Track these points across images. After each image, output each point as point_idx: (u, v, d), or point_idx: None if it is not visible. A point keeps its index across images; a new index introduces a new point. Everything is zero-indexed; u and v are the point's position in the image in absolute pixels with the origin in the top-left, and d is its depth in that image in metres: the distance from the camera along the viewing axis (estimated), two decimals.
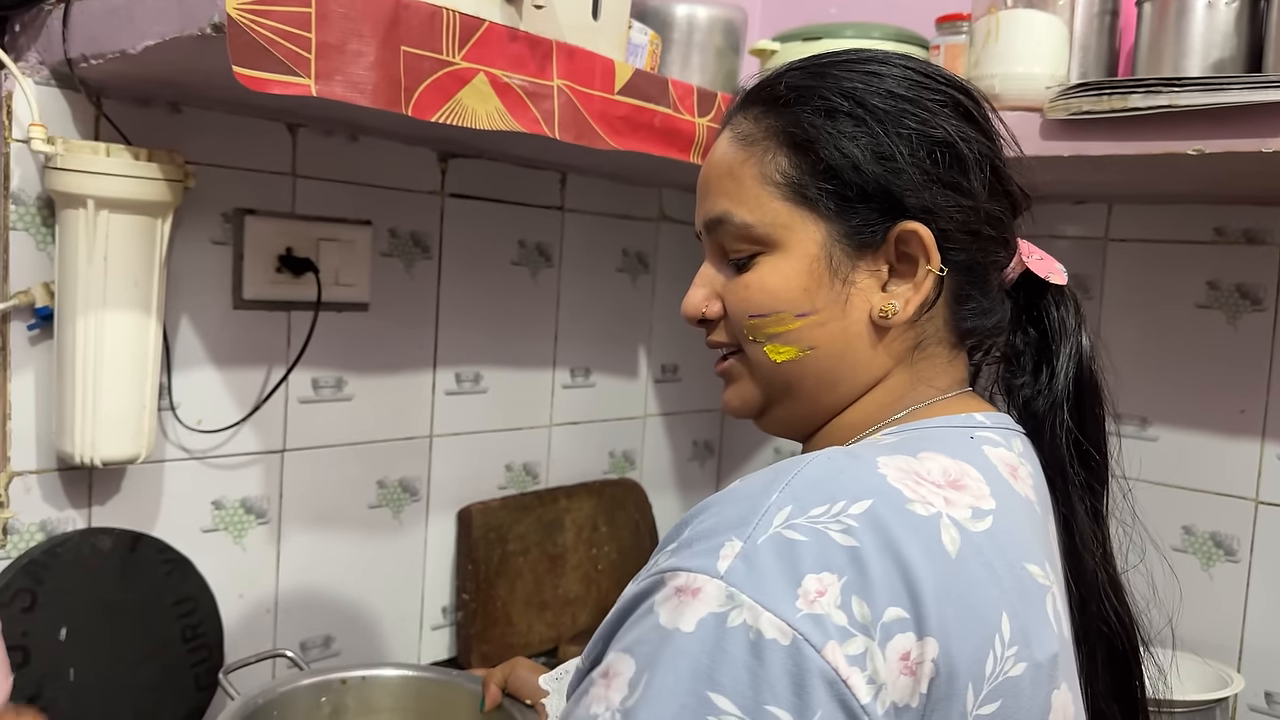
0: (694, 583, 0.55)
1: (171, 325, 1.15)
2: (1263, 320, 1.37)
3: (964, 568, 0.58)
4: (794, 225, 0.68)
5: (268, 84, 0.80)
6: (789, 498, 0.57)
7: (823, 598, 0.53)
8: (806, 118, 0.67)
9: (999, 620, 0.58)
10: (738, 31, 1.42)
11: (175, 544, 1.17)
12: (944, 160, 0.67)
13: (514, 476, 1.56)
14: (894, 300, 0.67)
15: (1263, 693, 1.37)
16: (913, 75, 0.69)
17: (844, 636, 0.53)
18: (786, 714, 0.51)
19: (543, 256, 1.56)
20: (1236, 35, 1.18)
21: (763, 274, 0.69)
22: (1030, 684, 0.59)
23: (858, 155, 0.66)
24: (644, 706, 0.53)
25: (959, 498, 0.61)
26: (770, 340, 0.69)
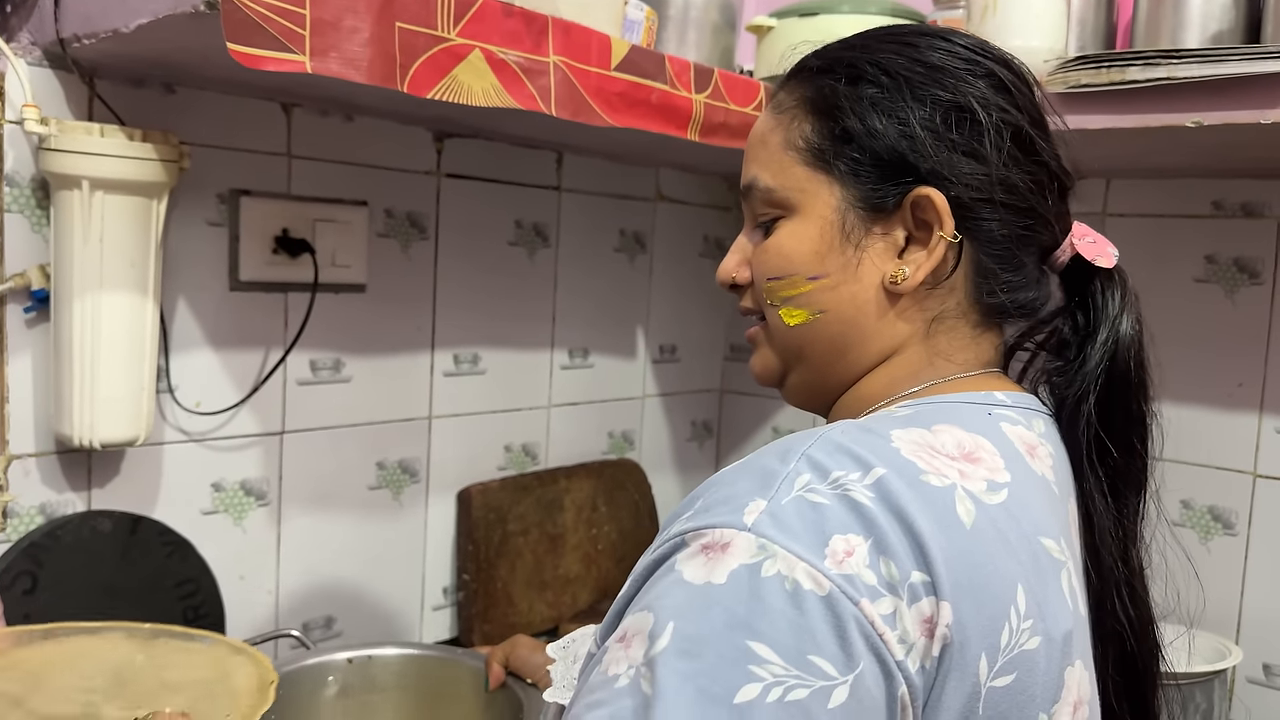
0: (721, 538, 0.53)
1: (168, 307, 1.15)
2: (1260, 294, 1.37)
3: (979, 539, 0.57)
4: (811, 189, 0.68)
5: (263, 61, 0.79)
6: (806, 465, 0.57)
7: (851, 558, 0.53)
8: (832, 85, 0.68)
9: (1014, 592, 0.57)
10: (734, 7, 1.42)
11: (175, 526, 1.17)
12: (960, 125, 0.66)
13: (513, 457, 1.56)
14: (905, 266, 0.67)
15: (1261, 665, 1.38)
16: (949, 46, 0.68)
17: (875, 596, 0.52)
18: (830, 665, 0.51)
19: (540, 237, 1.56)
20: (1235, 7, 1.18)
21: (780, 237, 0.70)
22: (1045, 658, 0.58)
23: (874, 120, 0.66)
24: (674, 657, 0.51)
25: (973, 470, 0.60)
26: (784, 303, 0.70)
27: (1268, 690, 1.37)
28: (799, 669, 0.50)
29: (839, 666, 0.51)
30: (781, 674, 0.50)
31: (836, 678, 0.50)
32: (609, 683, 0.53)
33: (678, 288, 1.81)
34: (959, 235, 0.66)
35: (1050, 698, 0.59)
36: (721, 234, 1.88)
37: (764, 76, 1.42)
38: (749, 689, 0.50)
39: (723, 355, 1.94)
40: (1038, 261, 0.71)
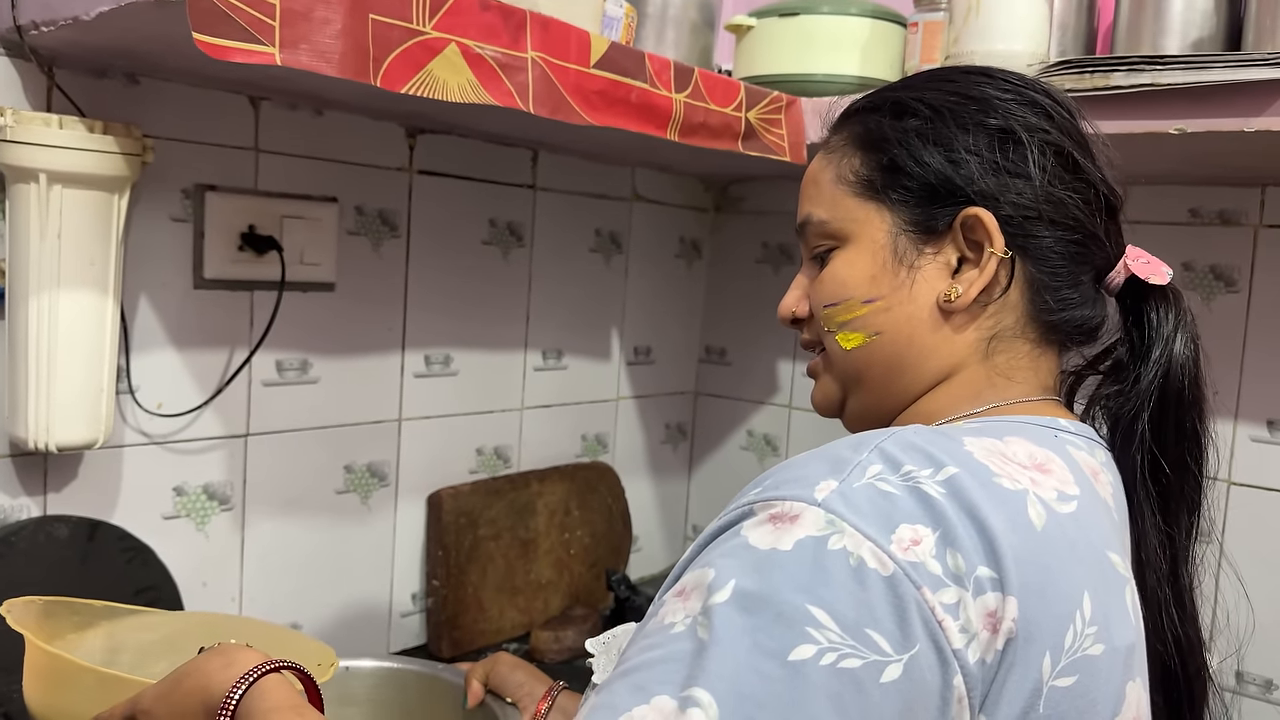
0: (791, 510, 0.55)
1: (130, 305, 1.11)
2: (1236, 302, 1.37)
3: (1048, 541, 0.58)
4: (863, 218, 0.71)
5: (229, 52, 0.76)
6: (878, 457, 0.57)
7: (917, 546, 0.54)
8: (878, 120, 0.72)
9: (1081, 597, 0.58)
10: (713, 6, 1.40)
11: (135, 532, 1.13)
12: (1004, 148, 0.68)
13: (485, 460, 1.53)
14: (959, 285, 0.68)
15: (1234, 673, 1.38)
16: (991, 79, 0.71)
17: (938, 585, 0.53)
18: (886, 642, 0.51)
19: (514, 236, 1.53)
20: (1215, 14, 1.17)
21: (835, 265, 0.72)
22: (1107, 668, 0.59)
23: (920, 148, 0.69)
24: (733, 611, 0.52)
25: (1045, 480, 0.61)
26: (841, 328, 0.72)
27: (1241, 698, 1.38)
28: (855, 640, 0.51)
29: (895, 645, 0.51)
30: (837, 641, 0.51)
31: (891, 655, 0.51)
32: (665, 629, 0.54)
33: (653, 289, 1.79)
34: (1009, 252, 0.68)
35: (1112, 709, 0.59)
36: (698, 235, 1.87)
37: (743, 76, 1.40)
38: (804, 649, 0.50)
39: (697, 357, 1.92)
40: (1093, 281, 0.72)
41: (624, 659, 0.55)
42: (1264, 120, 0.99)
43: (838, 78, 1.34)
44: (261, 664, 0.69)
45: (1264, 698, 1.36)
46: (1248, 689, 1.37)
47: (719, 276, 1.89)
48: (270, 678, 0.68)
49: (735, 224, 1.87)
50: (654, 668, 0.52)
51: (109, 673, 0.77)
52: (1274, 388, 1.34)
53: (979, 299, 0.68)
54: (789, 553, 0.53)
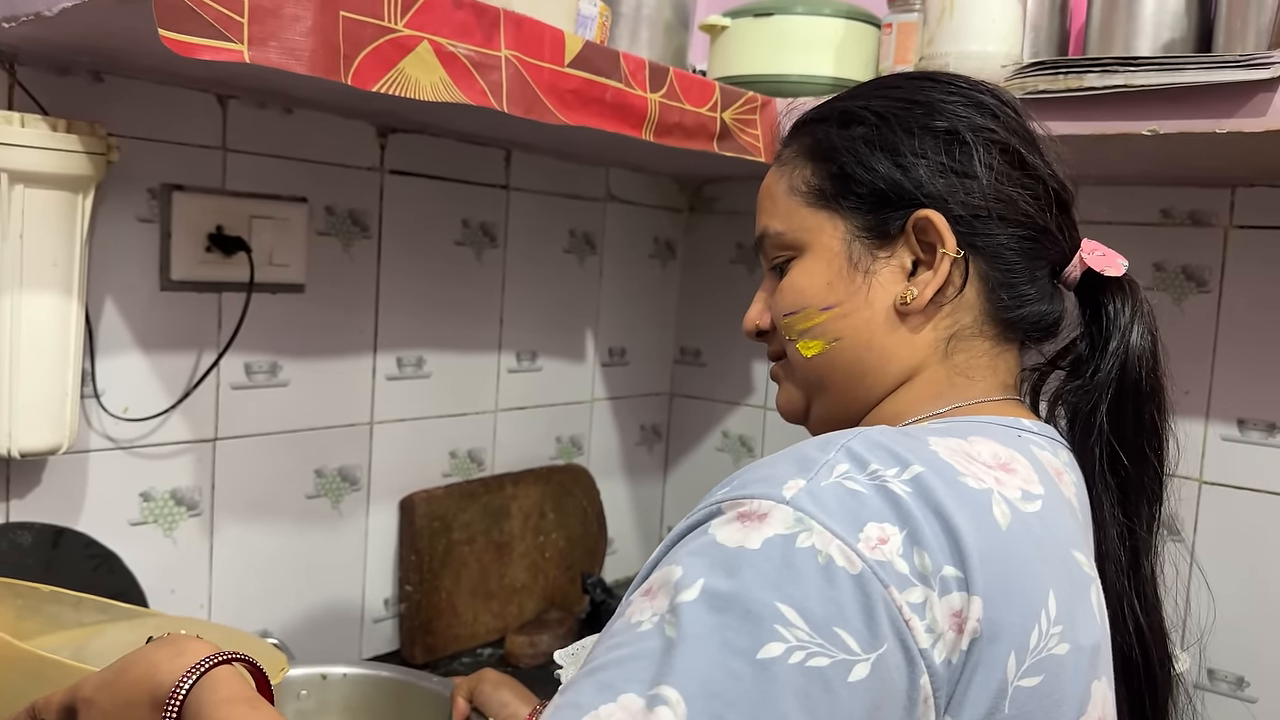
0: (759, 508, 0.54)
1: (95, 308, 1.09)
2: (1207, 302, 1.38)
3: (1013, 540, 0.58)
4: (817, 227, 0.72)
5: (197, 49, 0.74)
6: (845, 456, 0.58)
7: (884, 545, 0.54)
8: (825, 130, 0.73)
9: (1045, 596, 0.58)
10: (687, 6, 1.39)
11: (101, 538, 1.11)
12: (949, 149, 0.69)
13: (458, 463, 1.52)
14: (914, 287, 0.69)
15: (1205, 670, 1.39)
16: (934, 83, 0.73)
17: (905, 584, 0.53)
18: (854, 641, 0.51)
19: (487, 236, 1.51)
20: (1187, 15, 1.18)
21: (792, 275, 0.73)
22: (1073, 667, 0.59)
23: (868, 156, 0.70)
24: (701, 609, 0.51)
25: (1009, 479, 0.61)
26: (801, 336, 0.72)
27: (1213, 695, 1.39)
28: (824, 638, 0.51)
29: (863, 643, 0.51)
30: (806, 640, 0.51)
31: (859, 653, 0.51)
32: (632, 628, 0.53)
33: (628, 290, 1.78)
34: (962, 251, 0.68)
35: (1077, 709, 0.59)
36: (672, 236, 1.86)
37: (718, 76, 1.39)
38: (773, 646, 0.50)
39: (672, 359, 1.91)
40: (1049, 277, 0.72)
41: (590, 659, 0.54)
42: (1236, 121, 1.00)
43: (812, 78, 1.34)
44: (213, 655, 0.66)
45: (1235, 694, 1.37)
46: (1219, 685, 1.38)
47: (693, 277, 1.89)
48: (221, 669, 0.65)
49: (710, 224, 1.86)
50: (621, 666, 0.52)
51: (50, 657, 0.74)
52: (1244, 387, 1.36)
53: (935, 300, 0.69)
54: (757, 551, 0.53)
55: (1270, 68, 0.97)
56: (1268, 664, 1.35)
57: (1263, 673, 1.35)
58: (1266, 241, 1.34)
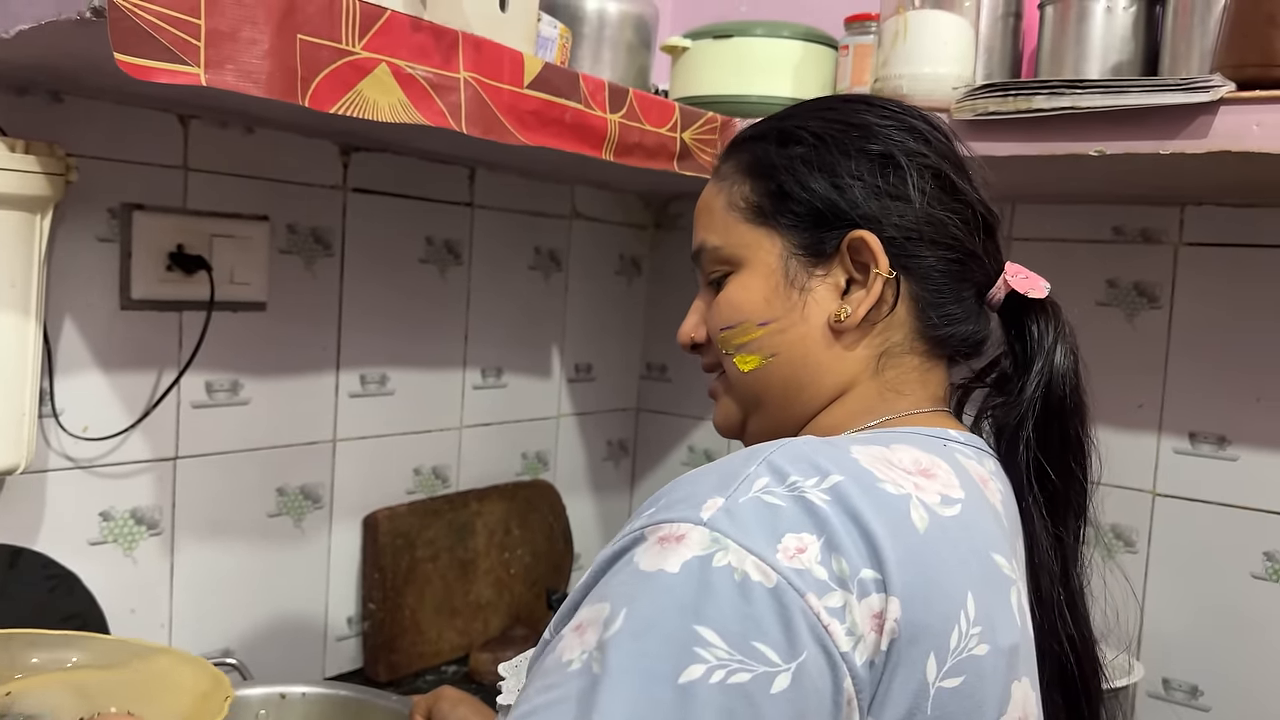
0: (677, 530, 0.56)
1: (54, 327, 1.09)
2: (1159, 318, 1.41)
3: (930, 544, 0.59)
4: (755, 243, 0.74)
5: (153, 72, 0.75)
6: (766, 469, 0.59)
7: (803, 554, 0.55)
8: (765, 148, 0.75)
9: (964, 598, 0.59)
10: (649, 27, 1.41)
11: (60, 558, 1.10)
12: (884, 172, 0.71)
13: (423, 480, 1.52)
14: (847, 305, 0.71)
15: (1160, 679, 1.41)
16: (869, 107, 0.75)
17: (823, 590, 0.54)
18: (773, 652, 0.52)
19: (452, 254, 1.52)
20: (1134, 39, 1.21)
21: (730, 290, 0.75)
22: (993, 668, 0.60)
23: (806, 175, 0.72)
24: (624, 639, 0.53)
25: (929, 485, 0.62)
26: (738, 350, 0.74)
27: (1167, 704, 1.41)
28: (743, 654, 0.52)
29: (782, 654, 0.52)
30: (725, 658, 0.52)
31: (779, 664, 0.52)
32: (563, 667, 0.54)
33: (593, 306, 1.79)
34: (894, 272, 0.71)
35: (998, 709, 0.61)
36: (638, 252, 1.87)
37: (679, 97, 1.41)
38: (693, 669, 0.51)
39: (638, 374, 1.92)
40: (975, 298, 0.75)
41: (524, 697, 0.56)
42: (1178, 143, 1.02)
43: (771, 99, 1.36)
44: None
45: (1189, 704, 1.39)
46: (1174, 695, 1.40)
47: (659, 293, 1.90)
48: None
49: (675, 241, 1.88)
50: (552, 709, 0.53)
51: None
52: (1196, 401, 1.38)
53: (868, 318, 0.71)
54: (675, 575, 0.54)
55: (1210, 91, 0.99)
56: (1220, 673, 1.37)
57: (1216, 682, 1.38)
58: (1215, 258, 1.37)
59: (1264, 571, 1.34)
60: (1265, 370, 1.34)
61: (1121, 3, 1.20)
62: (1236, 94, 1.00)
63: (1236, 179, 1.18)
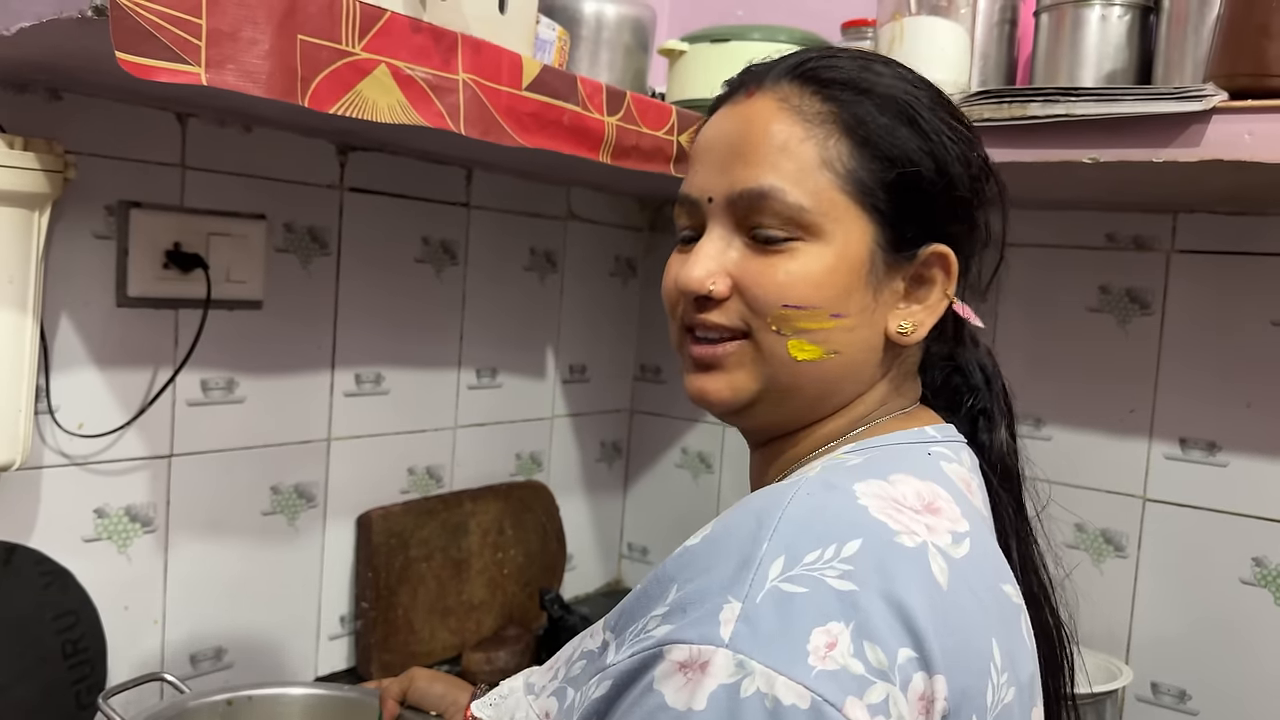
0: (699, 656, 0.52)
1: (50, 324, 1.09)
2: (1151, 324, 1.42)
3: (956, 599, 0.58)
4: (846, 219, 0.64)
5: (154, 71, 0.75)
6: (780, 546, 0.55)
7: (834, 650, 0.52)
8: (870, 111, 0.65)
9: (990, 648, 0.59)
10: (646, 30, 1.41)
11: (54, 555, 1.11)
12: (975, 191, 0.68)
13: (417, 480, 1.52)
14: (910, 319, 0.67)
15: (1149, 683, 1.42)
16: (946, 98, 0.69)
17: (863, 687, 0.52)
18: None
19: (447, 254, 1.53)
20: (1128, 47, 1.22)
21: (806, 263, 0.64)
22: (1018, 706, 0.60)
23: (922, 165, 0.65)
24: None
25: (938, 523, 0.60)
26: (798, 335, 0.65)
27: (1156, 708, 1.42)
28: None
29: None
30: None
31: None
32: None
33: (588, 307, 1.80)
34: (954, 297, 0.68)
35: None
36: (633, 254, 1.88)
37: (676, 100, 1.42)
38: None
39: (632, 375, 1.93)
40: None
41: None
42: (1171, 151, 1.03)
43: None
44: None
45: (1177, 708, 1.40)
46: (1162, 699, 1.41)
47: (654, 295, 1.91)
48: None
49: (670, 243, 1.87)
50: None
51: None
52: (1186, 407, 1.39)
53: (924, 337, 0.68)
54: (704, 712, 0.51)
55: (1203, 100, 1.00)
56: (1209, 678, 1.38)
57: (1204, 686, 1.38)
58: (1206, 265, 1.38)
59: (1253, 577, 1.35)
60: (1255, 377, 1.35)
61: (1116, 11, 1.21)
62: (1229, 103, 1.01)
63: (1228, 187, 1.19)
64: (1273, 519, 1.33)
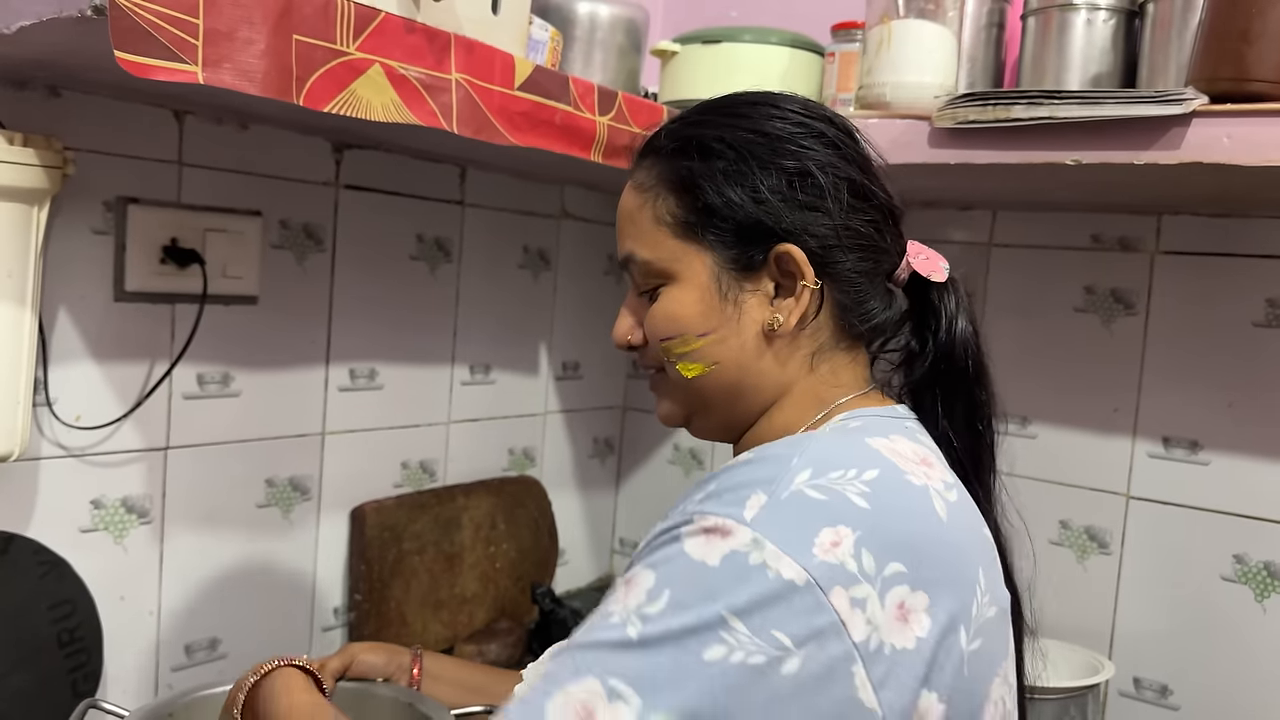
0: (723, 525, 0.63)
1: (48, 317, 1.11)
2: (1135, 324, 1.44)
3: (952, 531, 0.69)
4: (685, 258, 0.78)
5: (152, 70, 0.77)
6: (808, 462, 0.66)
7: (837, 548, 0.62)
8: (686, 163, 0.78)
9: (977, 574, 0.69)
10: (640, 31, 1.43)
11: (51, 545, 1.12)
12: (803, 187, 0.76)
13: (410, 474, 1.54)
14: (779, 314, 0.76)
15: (1131, 678, 1.44)
16: (780, 111, 0.79)
17: (851, 582, 0.61)
18: (789, 640, 0.60)
19: (442, 251, 1.54)
20: (1113, 51, 1.24)
21: (666, 302, 0.79)
22: (998, 624, 0.71)
23: (730, 192, 0.76)
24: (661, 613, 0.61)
25: (932, 474, 0.71)
26: (680, 359, 0.78)
27: (1138, 703, 1.44)
28: (762, 639, 0.59)
29: (797, 642, 0.60)
30: (746, 641, 0.59)
31: (793, 649, 0.60)
32: (607, 618, 0.63)
33: (581, 305, 1.81)
34: (819, 282, 0.76)
35: (1002, 656, 0.71)
36: None
37: (668, 100, 1.43)
38: (716, 649, 0.59)
39: (625, 372, 1.95)
40: (883, 283, 0.81)
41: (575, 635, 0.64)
42: (1152, 154, 1.05)
43: None
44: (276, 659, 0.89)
45: (1159, 703, 1.42)
46: (1144, 694, 1.43)
47: None
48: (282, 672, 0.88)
49: None
50: (592, 651, 0.61)
51: None
52: (1170, 406, 1.41)
53: (797, 325, 0.76)
54: (716, 567, 0.61)
55: (1183, 103, 1.02)
56: (1190, 673, 1.40)
57: (1185, 681, 1.40)
58: (1190, 266, 1.40)
59: (1233, 574, 1.37)
60: (1237, 377, 1.37)
61: (1101, 15, 1.23)
62: (1209, 107, 1.02)
63: (1211, 189, 1.21)
64: (1253, 517, 1.35)
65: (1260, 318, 1.35)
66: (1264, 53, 1.02)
